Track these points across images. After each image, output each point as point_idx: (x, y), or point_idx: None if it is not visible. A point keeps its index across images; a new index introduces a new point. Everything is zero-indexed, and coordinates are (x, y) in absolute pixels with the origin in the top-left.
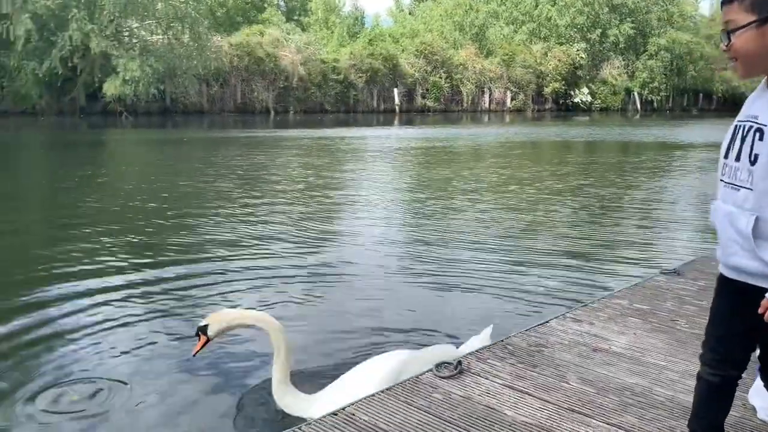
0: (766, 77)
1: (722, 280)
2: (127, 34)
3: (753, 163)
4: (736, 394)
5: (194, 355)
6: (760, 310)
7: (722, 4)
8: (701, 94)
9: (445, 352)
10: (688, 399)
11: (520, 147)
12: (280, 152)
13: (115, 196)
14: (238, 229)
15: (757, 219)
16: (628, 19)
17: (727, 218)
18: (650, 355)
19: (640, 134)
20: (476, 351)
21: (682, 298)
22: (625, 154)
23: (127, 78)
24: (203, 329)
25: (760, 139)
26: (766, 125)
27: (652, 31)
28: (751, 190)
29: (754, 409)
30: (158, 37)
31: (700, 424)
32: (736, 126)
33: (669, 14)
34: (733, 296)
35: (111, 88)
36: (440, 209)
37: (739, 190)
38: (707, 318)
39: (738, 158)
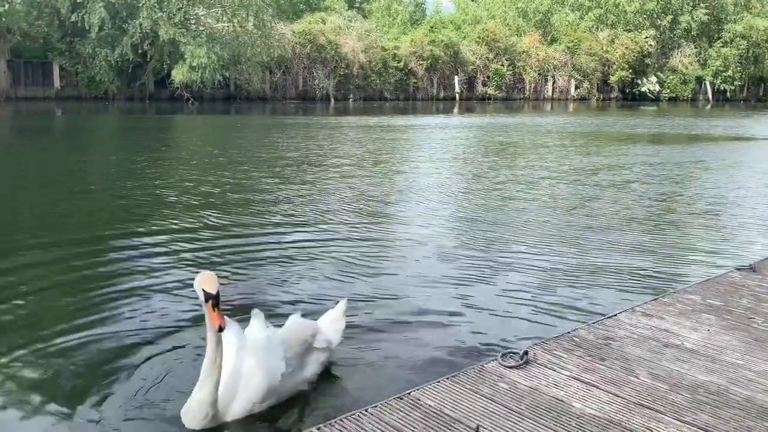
0: None
1: None
2: (194, 21)
3: None
4: None
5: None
6: None
7: None
8: None
9: (298, 326)
10: (767, 399)
11: (584, 137)
12: (332, 136)
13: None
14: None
15: None
16: (701, 4)
17: None
18: (725, 353)
19: (713, 126)
20: (542, 342)
21: (758, 295)
22: (697, 147)
23: (194, 65)
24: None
25: None
26: None
27: (728, 17)
28: None
29: None
30: (224, 24)
31: None
32: None
33: None
34: None
35: (179, 74)
36: (501, 199)
37: None
38: None
39: None
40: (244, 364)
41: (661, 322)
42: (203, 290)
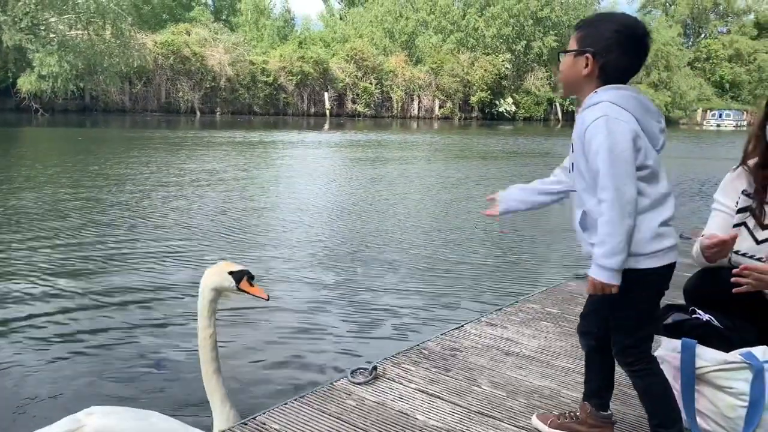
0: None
1: None
2: (43, 27)
3: (572, 170)
4: None
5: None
6: (587, 289)
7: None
8: None
9: None
10: None
11: (448, 151)
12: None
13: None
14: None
15: (583, 212)
16: (551, 32)
17: (574, 218)
18: (559, 358)
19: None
20: (392, 356)
21: None
22: (545, 161)
23: (43, 73)
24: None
25: (572, 150)
26: (573, 140)
27: None
28: (575, 191)
29: None
30: (78, 32)
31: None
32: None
33: None
34: None
35: (26, 83)
36: (355, 213)
37: (574, 194)
38: None
39: (570, 169)
40: None
41: (503, 331)
42: (230, 273)
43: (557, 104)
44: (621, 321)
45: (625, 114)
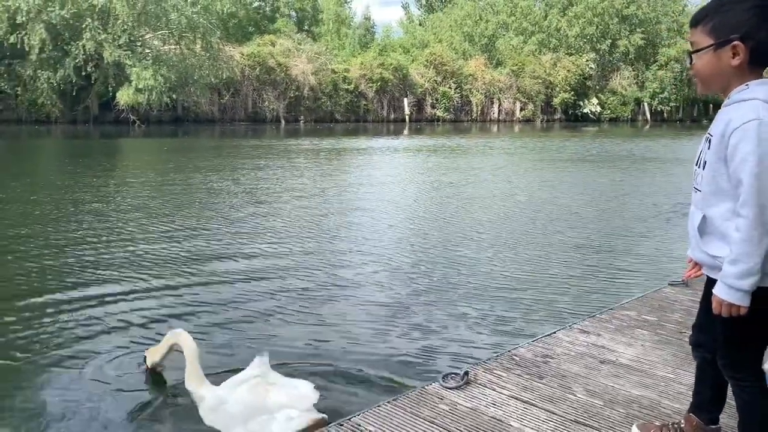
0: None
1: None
2: (140, 43)
3: (703, 167)
4: None
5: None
6: (714, 308)
7: (690, 26)
8: (711, 105)
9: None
10: None
11: (530, 157)
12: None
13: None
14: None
15: (703, 217)
16: (638, 29)
17: (691, 217)
18: (658, 367)
19: (658, 147)
20: (483, 362)
21: (690, 309)
22: (636, 167)
23: (140, 87)
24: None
25: (708, 147)
26: (712, 135)
27: (662, 42)
28: (701, 191)
29: None
30: (171, 46)
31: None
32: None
33: (679, 25)
34: (705, 287)
35: (124, 96)
36: (444, 218)
37: (696, 192)
38: None
39: (698, 164)
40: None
41: (597, 339)
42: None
43: (645, 104)
44: (735, 335)
45: None
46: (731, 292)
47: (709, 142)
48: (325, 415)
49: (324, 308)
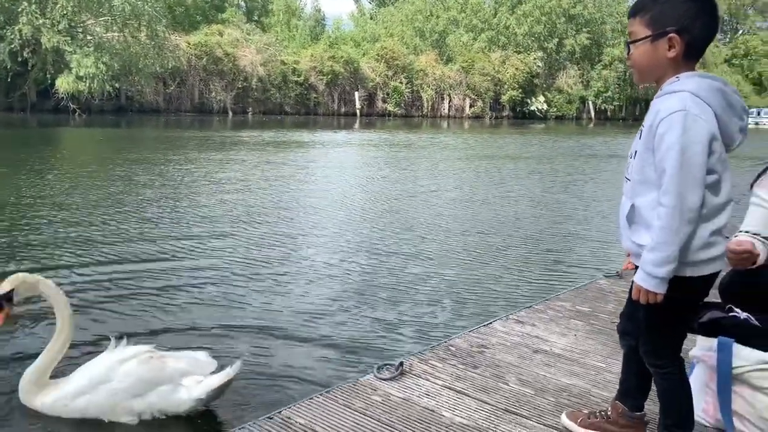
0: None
1: None
2: (81, 30)
3: (633, 157)
4: None
5: None
6: (633, 294)
7: (628, 16)
8: None
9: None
10: None
11: (474, 153)
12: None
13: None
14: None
15: (632, 206)
16: (584, 29)
17: (621, 207)
18: (589, 356)
19: (597, 144)
20: (419, 352)
21: (623, 300)
22: (577, 162)
23: (81, 74)
24: (7, 296)
25: (639, 137)
26: (643, 126)
27: (607, 42)
28: (630, 180)
29: None
30: (114, 34)
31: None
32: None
33: (623, 26)
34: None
35: (63, 84)
36: (382, 213)
37: (627, 182)
38: None
39: (631, 155)
40: (86, 367)
41: (532, 329)
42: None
43: (590, 103)
44: (656, 322)
45: (706, 110)
46: (648, 279)
47: (640, 132)
48: (232, 372)
49: (258, 302)
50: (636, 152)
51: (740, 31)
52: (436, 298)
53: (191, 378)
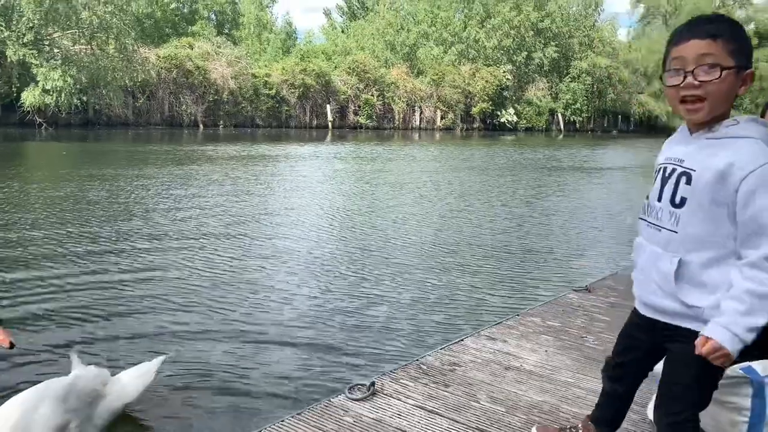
0: (686, 123)
1: (637, 314)
2: (47, 43)
3: (678, 206)
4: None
5: None
6: (697, 351)
7: (692, 36)
8: (620, 116)
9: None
10: None
11: (444, 165)
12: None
13: None
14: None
15: (680, 261)
16: (552, 42)
17: (652, 258)
18: (560, 372)
19: (563, 156)
20: (390, 371)
21: (592, 314)
22: (543, 175)
23: (47, 88)
24: None
25: (687, 183)
26: (694, 170)
27: (575, 55)
28: (675, 232)
29: (652, 423)
30: (81, 47)
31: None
32: (658, 168)
33: (590, 39)
34: (641, 329)
35: (29, 97)
36: (349, 228)
37: (660, 231)
38: (614, 334)
39: (659, 199)
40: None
41: (504, 345)
42: None
43: (559, 114)
44: (696, 392)
45: None
46: (736, 342)
47: (688, 177)
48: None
49: (225, 323)
50: (683, 200)
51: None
52: (405, 316)
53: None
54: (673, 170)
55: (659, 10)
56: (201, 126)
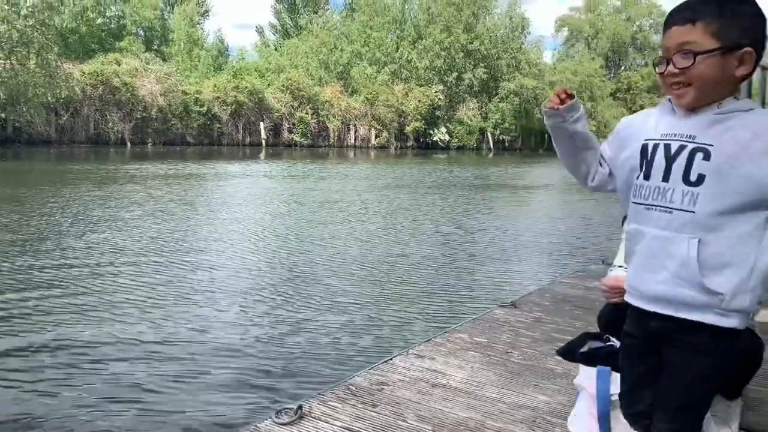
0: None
1: (637, 313)
2: None
3: (695, 184)
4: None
5: None
6: None
7: (673, 23)
8: (546, 135)
9: None
10: (516, 430)
11: (378, 181)
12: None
13: None
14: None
15: (699, 242)
16: (481, 64)
17: (659, 243)
18: (485, 388)
19: (491, 174)
20: (318, 394)
21: (518, 330)
22: (471, 192)
23: None
24: None
25: (705, 159)
26: (712, 145)
27: (503, 76)
28: (693, 212)
29: None
30: (0, 62)
31: None
32: (646, 146)
33: (517, 61)
34: (646, 337)
35: None
36: (273, 247)
37: (671, 212)
38: (538, 349)
39: (665, 179)
40: None
41: (432, 363)
42: None
43: (488, 133)
44: (698, 396)
45: None
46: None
47: (706, 153)
48: None
49: (144, 351)
50: (701, 176)
51: (623, 68)
52: (335, 337)
53: None
54: (682, 147)
55: (582, 34)
56: (128, 144)
